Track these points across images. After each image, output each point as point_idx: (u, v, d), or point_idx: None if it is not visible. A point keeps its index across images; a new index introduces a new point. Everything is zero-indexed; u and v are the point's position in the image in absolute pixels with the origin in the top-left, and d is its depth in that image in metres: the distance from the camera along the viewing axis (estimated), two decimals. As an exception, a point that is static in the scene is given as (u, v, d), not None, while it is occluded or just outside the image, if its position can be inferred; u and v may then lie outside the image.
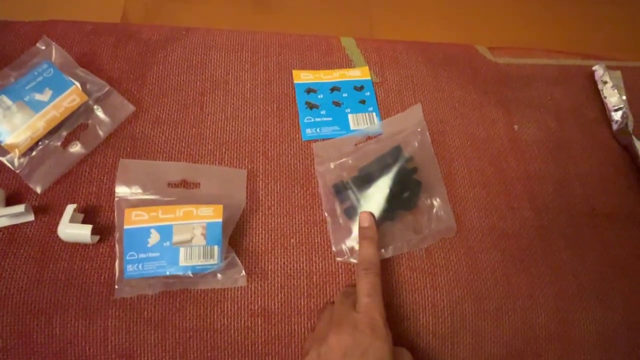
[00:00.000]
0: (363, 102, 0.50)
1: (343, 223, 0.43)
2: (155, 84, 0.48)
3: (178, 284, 0.39)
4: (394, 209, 0.43)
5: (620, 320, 0.44)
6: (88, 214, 0.41)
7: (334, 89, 0.50)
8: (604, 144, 0.52)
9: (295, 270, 0.41)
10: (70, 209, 0.39)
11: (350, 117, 0.48)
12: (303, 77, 0.50)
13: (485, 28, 1.17)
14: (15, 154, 0.41)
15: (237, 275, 0.39)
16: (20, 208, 0.38)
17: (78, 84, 0.44)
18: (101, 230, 0.40)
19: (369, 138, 0.47)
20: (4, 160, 0.41)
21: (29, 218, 0.40)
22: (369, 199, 0.43)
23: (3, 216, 0.39)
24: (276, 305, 0.40)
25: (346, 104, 0.49)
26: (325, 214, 0.43)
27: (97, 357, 0.37)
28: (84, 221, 0.40)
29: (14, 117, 0.41)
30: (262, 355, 0.39)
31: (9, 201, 0.40)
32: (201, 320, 0.39)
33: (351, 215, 0.42)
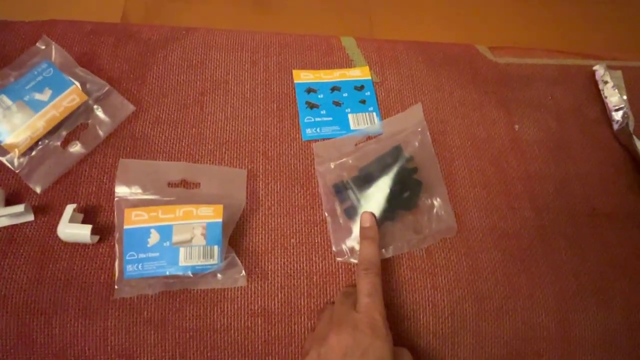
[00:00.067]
0: (363, 102, 0.50)
1: (343, 223, 0.42)
2: (155, 84, 0.48)
3: (178, 284, 0.39)
4: (394, 209, 0.43)
5: (620, 320, 0.44)
6: (88, 214, 0.40)
7: (334, 88, 0.50)
8: (604, 144, 0.52)
9: (296, 270, 0.41)
10: (70, 208, 0.39)
11: (350, 117, 0.48)
12: (303, 77, 0.50)
13: (486, 28, 1.17)
14: (15, 153, 0.41)
15: (237, 275, 0.39)
16: (19, 208, 0.38)
17: (78, 83, 0.44)
18: (101, 230, 0.40)
19: (369, 138, 0.47)
20: (3, 160, 0.41)
21: (29, 218, 0.40)
22: (369, 199, 0.43)
23: (3, 216, 0.39)
24: (276, 305, 0.40)
25: (346, 103, 0.49)
26: (326, 214, 0.43)
27: (97, 357, 0.37)
28: (84, 221, 0.40)
29: (14, 117, 0.41)
30: (262, 356, 0.38)
31: (9, 201, 0.40)
32: (201, 320, 0.38)
33: (351, 215, 0.42)
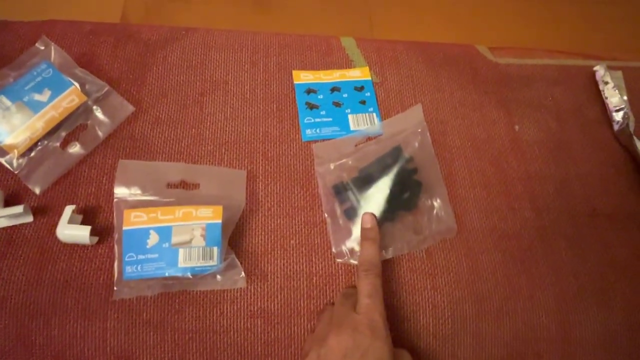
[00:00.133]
0: (363, 103, 0.49)
1: (343, 224, 0.42)
2: (154, 85, 0.47)
3: (177, 285, 0.38)
4: (394, 209, 0.42)
5: (621, 321, 0.44)
6: (87, 215, 0.40)
7: (334, 89, 0.50)
8: (604, 144, 0.52)
9: (295, 271, 0.41)
10: (69, 209, 0.39)
11: (350, 118, 0.48)
12: (303, 78, 0.50)
13: (486, 28, 1.17)
14: (14, 154, 0.41)
15: (237, 276, 0.39)
16: (19, 209, 0.38)
17: (77, 84, 0.44)
18: (100, 231, 0.40)
19: (369, 139, 0.47)
20: (2, 161, 0.41)
21: (28, 219, 0.40)
22: (369, 199, 0.42)
23: (2, 217, 0.38)
24: (276, 306, 0.40)
25: (346, 104, 0.49)
26: (325, 215, 0.43)
27: (96, 359, 0.37)
28: (83, 222, 0.40)
29: (13, 118, 0.41)
30: (262, 357, 0.38)
31: (8, 202, 0.40)
32: (200, 321, 0.38)
33: (351, 216, 0.42)
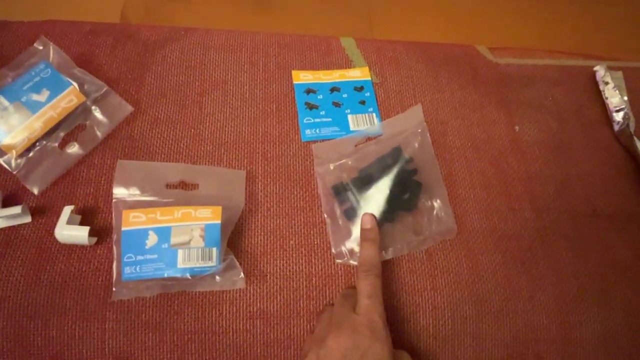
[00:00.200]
0: (363, 103, 0.49)
1: (343, 224, 0.42)
2: (153, 85, 0.47)
3: (176, 286, 0.38)
4: (394, 210, 0.42)
5: (622, 322, 0.43)
6: (85, 215, 0.40)
7: (334, 89, 0.50)
8: (605, 144, 0.52)
9: (295, 272, 0.41)
10: (67, 210, 0.38)
11: (350, 118, 0.48)
12: (302, 78, 0.50)
13: (486, 28, 1.17)
14: (12, 154, 0.40)
15: (236, 277, 0.39)
16: (17, 209, 0.38)
17: (76, 84, 0.44)
18: (99, 232, 0.40)
19: (369, 139, 0.46)
20: (1, 161, 0.41)
21: (26, 219, 0.39)
22: (369, 200, 0.42)
23: (0, 217, 0.38)
24: (275, 307, 0.39)
25: (346, 104, 0.49)
26: (325, 216, 0.43)
27: (95, 360, 0.36)
28: (82, 223, 0.40)
29: (11, 118, 0.41)
30: (261, 358, 0.38)
31: (6, 202, 0.40)
32: (199, 322, 0.38)
33: (351, 216, 0.42)
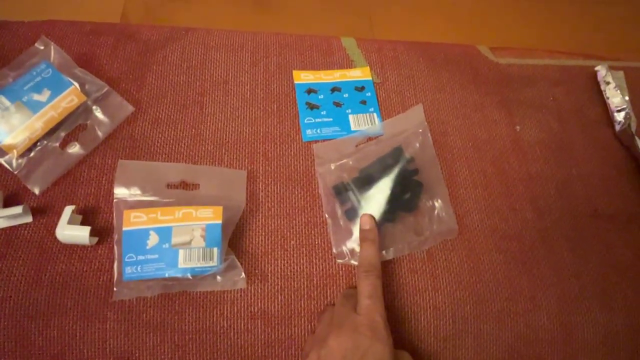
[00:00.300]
0: (364, 103, 0.49)
1: (343, 225, 0.42)
2: (154, 85, 0.47)
3: (177, 286, 0.38)
4: (394, 210, 0.42)
5: (623, 323, 0.43)
6: (86, 215, 0.40)
7: (335, 89, 0.50)
8: (606, 144, 0.52)
9: (295, 272, 0.41)
10: (68, 210, 0.38)
11: (351, 118, 0.48)
12: (303, 78, 0.50)
13: (487, 28, 1.16)
14: (13, 154, 0.40)
15: (237, 277, 0.39)
16: (18, 209, 0.38)
17: (77, 84, 0.44)
18: (100, 232, 0.40)
19: (370, 139, 0.46)
20: (2, 161, 0.41)
21: (27, 219, 0.39)
22: (370, 200, 0.42)
23: (1, 217, 0.38)
24: (276, 307, 0.39)
25: (347, 104, 0.49)
26: (326, 216, 0.43)
27: (96, 360, 0.36)
28: (83, 223, 0.40)
29: (12, 118, 0.41)
30: (262, 358, 0.38)
31: (7, 202, 0.40)
32: (200, 322, 0.38)
33: (352, 216, 0.42)
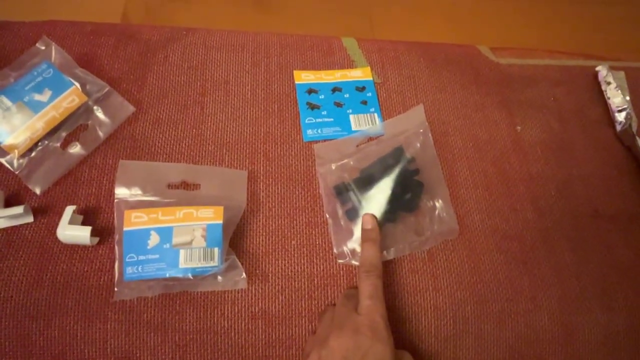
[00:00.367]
0: (364, 103, 0.49)
1: (344, 225, 0.42)
2: (155, 85, 0.47)
3: (178, 286, 0.38)
4: (395, 210, 0.42)
5: (623, 323, 0.43)
6: (87, 215, 0.40)
7: (336, 89, 0.50)
8: (607, 145, 0.52)
9: (296, 272, 0.41)
10: (69, 210, 0.38)
11: (351, 118, 0.48)
12: (304, 78, 0.50)
13: (487, 28, 1.16)
14: (14, 154, 0.41)
15: (238, 277, 0.39)
16: (19, 209, 0.38)
17: (78, 84, 0.44)
18: (100, 232, 0.40)
19: (371, 139, 0.46)
20: (3, 161, 0.41)
21: (28, 219, 0.39)
22: (371, 200, 0.42)
23: (2, 217, 0.38)
24: (277, 307, 0.39)
25: (347, 104, 0.49)
26: (327, 216, 0.43)
27: (97, 360, 0.36)
28: (84, 223, 0.40)
29: (13, 118, 0.41)
30: (263, 358, 0.38)
31: (8, 202, 0.40)
32: (201, 322, 0.38)
33: (352, 217, 0.42)
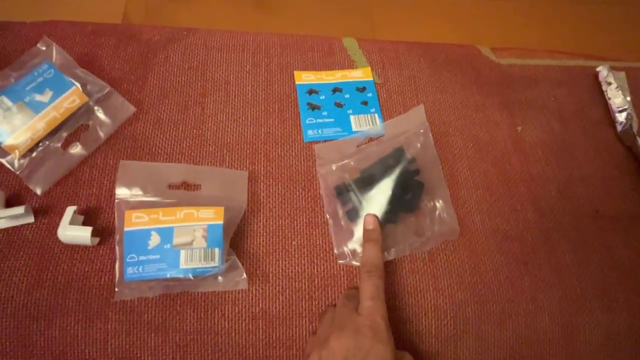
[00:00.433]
0: (365, 103, 0.49)
1: (345, 225, 0.42)
2: (156, 85, 0.47)
3: (178, 286, 0.38)
4: (396, 211, 0.42)
5: (624, 323, 0.43)
6: (88, 215, 0.40)
7: (336, 90, 0.50)
8: (607, 145, 0.52)
9: (297, 272, 0.41)
10: (70, 210, 0.38)
11: (352, 119, 0.48)
12: (305, 78, 0.50)
13: (488, 28, 1.16)
14: (15, 155, 0.41)
15: (238, 277, 0.39)
16: (20, 210, 0.38)
17: (78, 84, 0.44)
18: (101, 232, 0.40)
19: (371, 139, 0.46)
20: (4, 161, 0.41)
21: (29, 220, 0.39)
22: (371, 201, 0.42)
23: (3, 218, 0.38)
24: (277, 308, 0.39)
25: (348, 105, 0.49)
26: (327, 216, 0.43)
27: (97, 360, 0.36)
28: (84, 223, 0.40)
29: (14, 118, 0.41)
30: (263, 358, 0.38)
31: (9, 202, 0.40)
32: (202, 323, 0.38)
33: (353, 217, 0.42)
